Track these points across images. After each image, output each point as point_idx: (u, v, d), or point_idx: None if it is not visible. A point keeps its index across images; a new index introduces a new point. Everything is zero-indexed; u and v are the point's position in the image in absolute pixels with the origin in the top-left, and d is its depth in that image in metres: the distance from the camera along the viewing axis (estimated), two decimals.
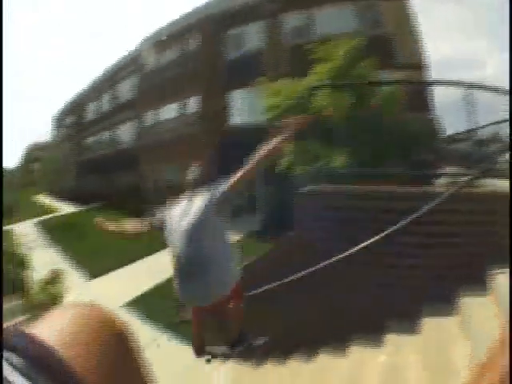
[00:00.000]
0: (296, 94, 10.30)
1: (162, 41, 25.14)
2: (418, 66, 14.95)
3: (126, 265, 14.87)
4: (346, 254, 3.86)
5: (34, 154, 51.48)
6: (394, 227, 3.59)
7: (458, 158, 9.58)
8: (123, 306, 10.65)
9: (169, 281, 11.03)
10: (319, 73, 9.94)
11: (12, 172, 75.96)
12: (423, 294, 3.76)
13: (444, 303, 3.57)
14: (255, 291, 4.85)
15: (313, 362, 4.40)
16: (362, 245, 3.77)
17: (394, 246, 3.80)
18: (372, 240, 3.73)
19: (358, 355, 3.86)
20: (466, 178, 3.95)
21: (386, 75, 12.35)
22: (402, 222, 3.56)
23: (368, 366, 3.60)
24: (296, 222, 4.19)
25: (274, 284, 4.58)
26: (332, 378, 3.86)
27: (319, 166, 6.79)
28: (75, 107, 42.26)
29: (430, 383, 2.75)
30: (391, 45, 14.33)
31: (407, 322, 3.75)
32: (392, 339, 3.69)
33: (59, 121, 47.57)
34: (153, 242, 15.10)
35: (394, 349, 3.55)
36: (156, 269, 13.09)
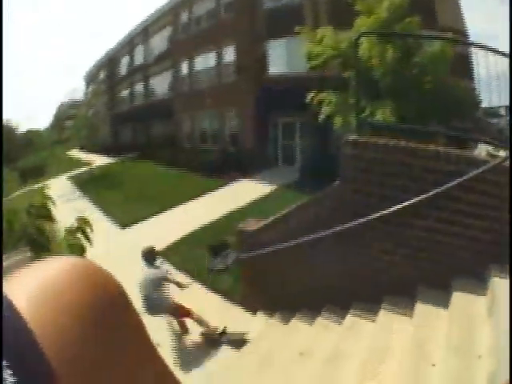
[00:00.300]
0: (339, 43, 10.08)
1: None
2: (458, 32, 14.42)
3: (159, 213, 15.00)
4: (387, 211, 3.81)
5: (68, 111, 51.95)
6: (440, 189, 3.51)
7: (495, 132, 9.36)
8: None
9: (200, 229, 11.36)
10: (362, 25, 9.58)
11: (45, 130, 77.20)
12: (458, 266, 3.72)
13: (477, 279, 3.55)
14: (289, 244, 4.89)
15: (339, 322, 4.43)
16: (405, 204, 3.71)
17: (435, 209, 3.72)
18: (415, 200, 3.66)
19: (387, 321, 3.85)
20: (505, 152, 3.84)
21: None
22: (448, 185, 3.49)
23: (394, 334, 3.58)
24: (341, 172, 4.11)
25: (310, 237, 4.55)
26: (357, 340, 3.84)
27: (362, 117, 6.65)
28: (108, 62, 42.49)
29: (452, 364, 2.70)
30: (433, 8, 13.78)
31: (438, 293, 3.71)
32: (421, 309, 3.64)
33: (92, 76, 47.95)
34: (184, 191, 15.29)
35: (422, 320, 3.51)
36: (188, 218, 13.41)
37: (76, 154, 44.24)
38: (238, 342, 6.04)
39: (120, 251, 11.35)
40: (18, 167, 35.99)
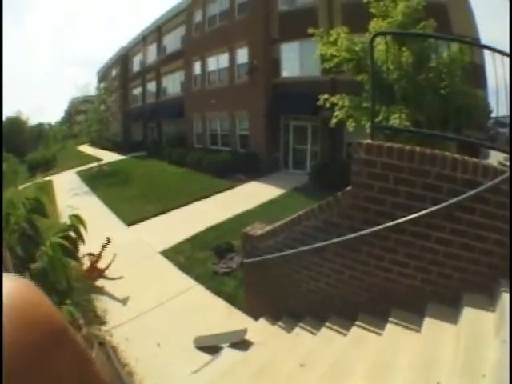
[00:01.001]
0: (354, 45, 9.96)
1: None
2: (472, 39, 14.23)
3: (166, 212, 14.95)
4: (400, 221, 3.68)
5: (80, 107, 52.39)
6: (457, 199, 3.36)
7: (504, 142, 9.17)
8: (161, 251, 10.84)
9: (206, 231, 11.37)
10: (376, 28, 9.46)
11: (56, 124, 77.79)
12: (469, 280, 3.60)
13: (487, 295, 3.45)
14: (295, 250, 4.80)
15: (344, 334, 4.32)
16: (420, 213, 3.57)
17: (449, 220, 3.55)
18: (430, 210, 3.52)
19: (393, 335, 3.73)
20: None
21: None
22: (466, 195, 3.32)
23: (400, 349, 3.46)
24: (353, 177, 3.96)
25: (318, 245, 4.45)
26: (361, 354, 3.71)
27: (376, 121, 6.49)
28: (121, 59, 43.07)
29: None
30: (447, 15, 13.62)
31: (447, 308, 3.60)
32: (429, 324, 3.52)
33: (105, 73, 48.44)
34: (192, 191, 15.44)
35: (430, 336, 3.38)
36: (194, 218, 13.36)
37: (86, 149, 44.55)
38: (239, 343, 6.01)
39: (123, 248, 11.19)
40: (27, 159, 36.22)
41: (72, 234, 2.48)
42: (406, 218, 3.65)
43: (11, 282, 0.48)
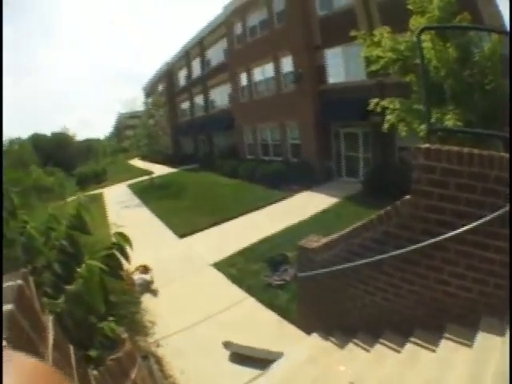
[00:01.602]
0: (398, 45, 9.62)
1: (249, 1, 24.72)
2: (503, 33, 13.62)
3: (218, 224, 14.97)
4: (462, 230, 3.40)
5: (127, 122, 53.90)
6: None
7: None
8: (213, 264, 10.82)
9: (259, 242, 11.27)
10: (416, 25, 9.11)
11: (105, 139, 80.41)
12: None
13: None
14: (351, 264, 4.58)
15: (398, 351, 4.09)
16: (482, 221, 3.28)
17: (506, 227, 3.22)
18: (491, 216, 3.24)
19: (447, 352, 3.48)
20: None
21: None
22: None
23: (452, 366, 3.23)
24: (414, 185, 3.70)
25: (376, 258, 4.20)
26: (413, 373, 3.50)
27: (432, 123, 6.13)
28: (166, 74, 44.20)
29: None
30: (478, 8, 13.06)
31: (502, 323, 3.30)
32: (483, 341, 3.26)
33: (152, 88, 49.53)
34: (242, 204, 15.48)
35: (482, 354, 3.10)
36: (247, 230, 13.31)
37: (136, 162, 45.58)
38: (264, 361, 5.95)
39: (175, 260, 11.48)
40: (75, 173, 37.29)
41: (116, 252, 2.34)
42: (468, 227, 3.38)
43: (33, 365, 0.43)
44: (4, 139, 49.29)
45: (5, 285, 0.95)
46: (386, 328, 4.54)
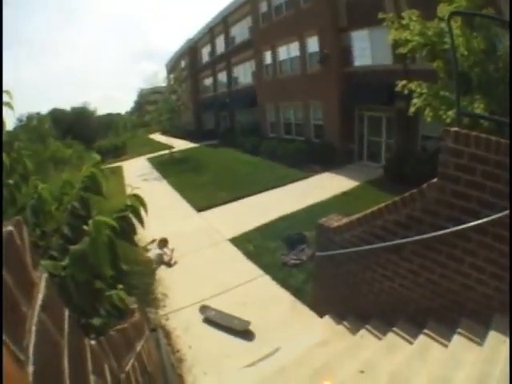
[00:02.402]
0: (426, 30, 9.34)
1: None
2: None
3: (237, 200, 14.96)
4: (486, 220, 3.25)
5: (149, 97, 54.02)
6: None
7: None
8: (230, 239, 10.81)
9: (277, 220, 11.21)
10: (444, 13, 8.85)
11: (126, 114, 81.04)
12: None
13: None
14: (372, 246, 4.46)
15: (411, 341, 4.03)
16: (504, 213, 3.13)
17: None
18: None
19: (458, 348, 3.39)
20: None
21: None
22: None
23: (461, 363, 3.14)
24: (440, 169, 3.53)
25: (397, 241, 4.07)
26: (422, 367, 3.41)
27: (462, 107, 5.97)
28: (189, 51, 43.82)
29: None
30: (499, 5, 12.65)
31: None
32: (493, 340, 3.16)
33: (174, 65, 49.49)
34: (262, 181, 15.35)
35: (491, 354, 3.00)
36: (266, 207, 13.23)
37: (157, 137, 45.69)
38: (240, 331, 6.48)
39: (192, 234, 11.52)
40: (95, 146, 37.52)
41: (130, 215, 2.21)
42: (490, 218, 3.24)
43: None
44: (23, 114, 49.88)
45: None
46: (400, 317, 4.45)
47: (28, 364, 0.72)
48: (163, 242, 9.59)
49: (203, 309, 7.10)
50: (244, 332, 6.46)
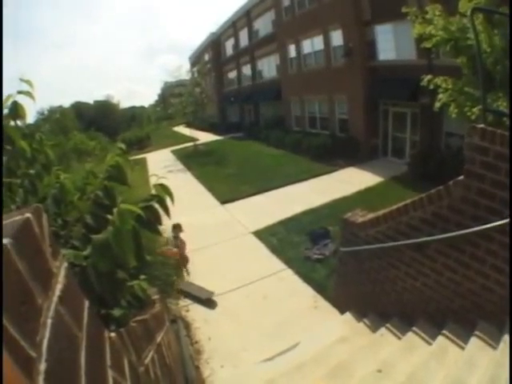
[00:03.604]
0: (450, 25, 9.17)
1: None
2: None
3: (261, 193, 14.96)
4: (505, 221, 3.15)
5: (173, 90, 54.42)
6: None
7: None
8: (253, 232, 10.83)
9: (301, 214, 11.18)
10: (465, 9, 8.68)
11: (150, 107, 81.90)
12: None
13: None
14: (396, 243, 4.39)
15: (430, 342, 3.97)
16: None
17: None
18: None
19: (475, 351, 3.32)
20: None
21: None
22: None
23: (476, 366, 3.09)
24: (467, 166, 3.43)
25: (425, 239, 3.97)
26: (439, 368, 3.39)
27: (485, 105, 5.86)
28: (212, 44, 44.07)
29: None
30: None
31: None
32: (505, 344, 3.06)
33: (197, 58, 49.63)
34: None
35: (505, 353, 2.91)
36: (290, 201, 13.21)
37: (182, 129, 45.94)
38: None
39: (215, 226, 11.61)
40: (119, 138, 37.92)
41: (155, 204, 2.17)
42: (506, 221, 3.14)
43: None
44: (44, 108, 50.62)
45: (8, 220, 0.77)
46: (420, 316, 4.41)
47: (40, 361, 0.68)
48: (178, 228, 9.46)
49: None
50: (207, 300, 7.31)
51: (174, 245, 8.83)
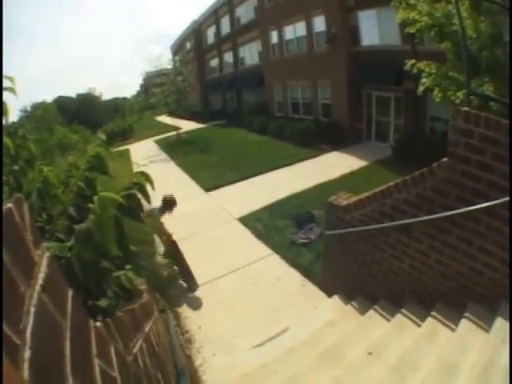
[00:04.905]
0: (434, 11, 9.18)
1: None
2: None
3: (245, 179, 14.97)
4: (496, 202, 3.18)
5: (155, 80, 54.14)
6: None
7: None
8: (239, 218, 10.86)
9: (286, 199, 11.22)
10: None
11: (132, 97, 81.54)
12: None
13: None
14: (381, 225, 4.42)
15: (419, 323, 4.03)
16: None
17: None
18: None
19: (466, 333, 3.37)
20: None
21: None
22: None
23: (468, 348, 3.14)
24: (451, 148, 3.47)
25: (407, 221, 4.04)
26: (430, 350, 3.43)
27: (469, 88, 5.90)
28: (193, 33, 43.81)
29: None
30: None
31: None
32: (500, 327, 3.10)
33: (179, 47, 49.22)
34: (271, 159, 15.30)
35: (497, 341, 2.96)
36: (274, 186, 13.25)
37: (164, 119, 45.72)
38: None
39: (200, 213, 11.62)
40: (102, 130, 37.86)
41: (136, 192, 2.16)
42: (500, 201, 3.16)
43: None
44: (26, 105, 50.10)
45: None
46: (408, 298, 4.45)
47: (25, 349, 0.68)
48: (171, 202, 7.71)
49: None
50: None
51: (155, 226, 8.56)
